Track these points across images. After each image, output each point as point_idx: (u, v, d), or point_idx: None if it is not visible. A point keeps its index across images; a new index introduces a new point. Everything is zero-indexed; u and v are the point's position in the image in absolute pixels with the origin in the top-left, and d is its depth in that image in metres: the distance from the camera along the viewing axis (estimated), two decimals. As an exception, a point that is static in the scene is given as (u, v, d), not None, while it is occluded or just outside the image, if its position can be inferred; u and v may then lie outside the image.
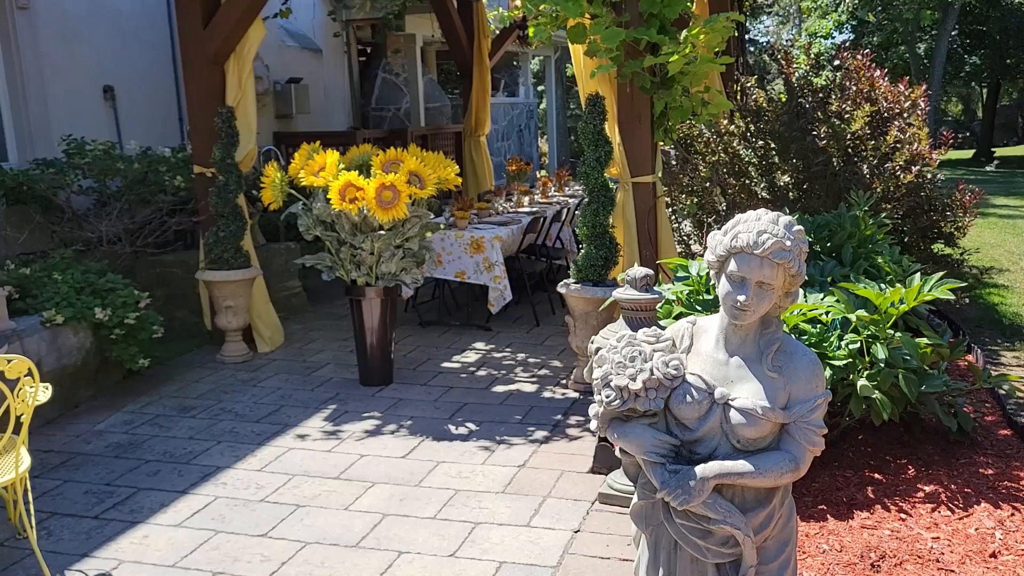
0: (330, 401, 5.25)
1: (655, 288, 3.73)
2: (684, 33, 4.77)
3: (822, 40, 27.80)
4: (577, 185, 10.84)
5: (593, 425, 2.04)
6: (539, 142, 18.24)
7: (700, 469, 1.95)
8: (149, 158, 6.95)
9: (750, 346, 1.97)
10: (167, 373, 5.86)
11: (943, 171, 6.78)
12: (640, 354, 1.92)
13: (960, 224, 6.60)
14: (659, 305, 3.89)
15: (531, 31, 5.30)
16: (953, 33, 24.60)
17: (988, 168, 22.47)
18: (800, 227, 1.93)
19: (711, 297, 4.00)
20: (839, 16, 27.43)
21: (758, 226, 1.93)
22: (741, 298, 1.90)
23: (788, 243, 1.92)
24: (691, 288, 4.10)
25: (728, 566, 1.95)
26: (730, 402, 1.93)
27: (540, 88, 23.25)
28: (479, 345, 6.44)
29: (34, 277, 5.34)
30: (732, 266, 1.95)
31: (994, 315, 6.93)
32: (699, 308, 3.96)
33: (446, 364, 5.97)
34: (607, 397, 1.94)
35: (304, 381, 5.64)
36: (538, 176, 9.56)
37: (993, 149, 26.71)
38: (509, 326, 6.97)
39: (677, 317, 3.97)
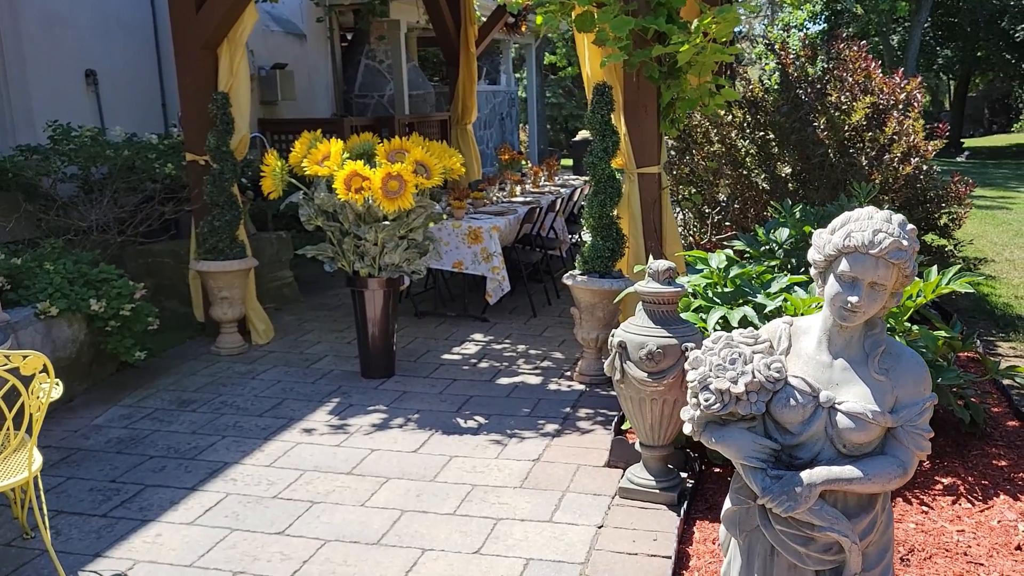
0: (333, 394, 5.16)
1: (677, 281, 3.69)
2: (695, 23, 4.73)
3: (795, 31, 27.97)
4: (566, 175, 10.80)
5: (687, 428, 1.98)
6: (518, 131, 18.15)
7: (807, 475, 1.91)
8: (136, 145, 6.79)
9: (855, 348, 1.93)
10: (161, 366, 5.74)
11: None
12: (740, 356, 1.87)
13: (956, 215, 6.66)
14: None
15: (539, 19, 5.23)
16: (925, 25, 24.84)
17: (959, 159, 22.75)
18: (912, 226, 1.88)
19: (730, 290, 3.97)
20: (813, 6, 27.59)
21: (872, 225, 1.87)
22: (853, 299, 1.85)
23: (905, 243, 1.86)
24: (708, 281, 4.07)
25: (828, 573, 1.92)
26: (836, 406, 1.89)
27: (516, 75, 23.14)
28: (477, 336, 6.38)
29: (25, 267, 5.18)
30: (843, 266, 1.89)
31: (985, 306, 7.00)
32: (717, 301, 3.93)
33: (446, 356, 5.91)
34: (706, 400, 1.88)
35: (304, 373, 5.55)
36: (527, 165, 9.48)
37: (962, 140, 27.05)
38: (506, 317, 6.91)
39: (696, 310, 3.94)
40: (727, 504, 2.06)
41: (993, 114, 36.72)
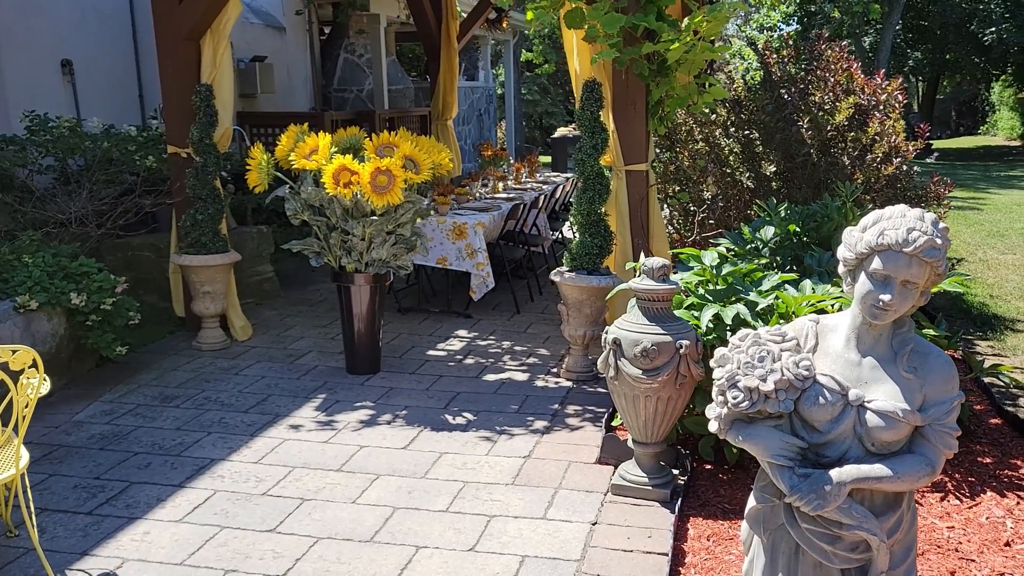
0: (319, 390, 5.12)
1: (671, 278, 3.70)
2: (686, 21, 4.74)
3: (769, 32, 28.15)
4: (546, 171, 10.79)
5: (712, 426, 1.98)
6: (496, 127, 18.13)
7: (836, 473, 1.90)
8: (115, 137, 6.68)
9: (883, 346, 1.93)
10: (141, 361, 5.65)
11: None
12: (769, 354, 1.87)
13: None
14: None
15: (529, 15, 5.21)
16: (897, 27, 25.14)
17: (929, 160, 23.06)
18: (945, 224, 1.89)
19: (722, 288, 3.99)
20: (786, 8, 27.77)
21: (906, 223, 1.88)
22: (885, 297, 1.85)
23: (939, 241, 1.87)
24: (701, 278, 4.08)
25: (853, 572, 1.92)
26: (866, 404, 1.89)
27: (494, 72, 23.09)
28: (462, 332, 6.35)
29: (3, 260, 5.08)
30: (876, 264, 1.90)
31: (961, 305, 7.10)
32: (710, 298, 3.94)
33: (431, 352, 5.88)
34: (734, 398, 1.88)
35: (288, 369, 5.49)
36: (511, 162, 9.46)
37: (930, 142, 27.42)
38: (489, 313, 6.90)
39: (688, 307, 3.95)
40: (751, 502, 2.06)
41: (960, 116, 37.31)
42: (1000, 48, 24.18)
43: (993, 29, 24.01)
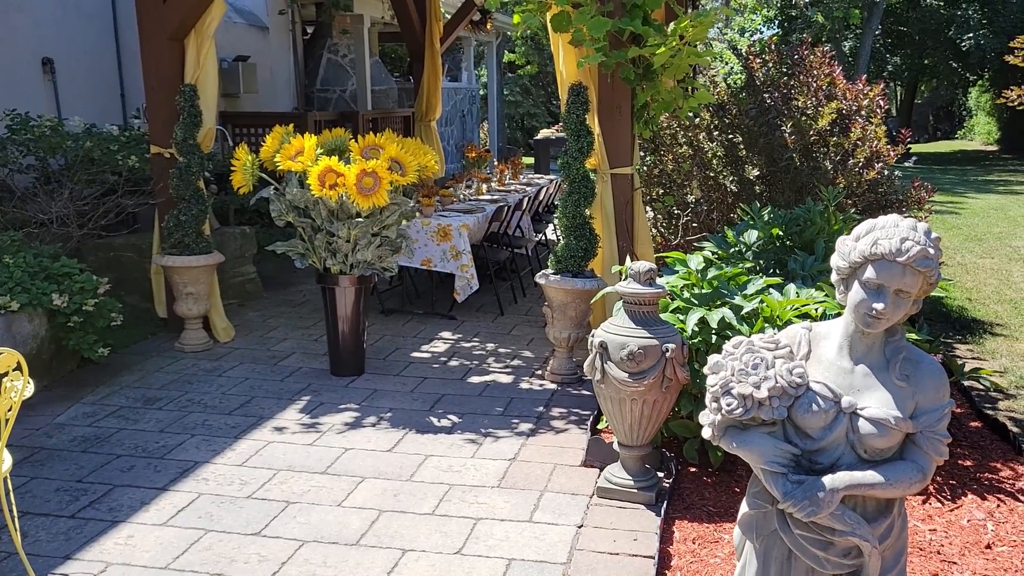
0: (303, 392, 5.10)
1: (658, 282, 3.72)
2: (672, 25, 4.76)
3: (749, 35, 28.32)
4: (529, 173, 10.80)
5: (706, 433, 1.99)
6: (479, 128, 18.12)
7: (829, 480, 1.92)
8: (97, 136, 6.63)
9: (876, 354, 1.95)
10: (123, 362, 5.61)
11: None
12: (762, 361, 1.88)
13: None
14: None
15: (516, 18, 5.22)
16: (876, 33, 25.38)
17: (907, 164, 23.27)
18: (938, 235, 1.92)
19: (707, 291, 4.01)
20: (767, 12, 27.96)
21: (899, 232, 1.90)
22: (879, 306, 1.87)
23: (931, 251, 1.90)
24: (686, 281, 4.10)
25: None
26: (859, 411, 1.91)
27: (476, 73, 23.08)
28: (446, 334, 6.35)
29: (-17, 260, 5.03)
30: (869, 273, 1.92)
31: (941, 308, 7.17)
32: (695, 302, 3.97)
33: (415, 354, 5.87)
34: (728, 405, 1.89)
35: (272, 371, 5.47)
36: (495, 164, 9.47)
37: (909, 146, 27.70)
38: (473, 315, 6.90)
39: (674, 311, 3.97)
40: (743, 508, 2.07)
41: (937, 120, 37.71)
42: (977, 54, 24.47)
43: (971, 35, 24.29)
